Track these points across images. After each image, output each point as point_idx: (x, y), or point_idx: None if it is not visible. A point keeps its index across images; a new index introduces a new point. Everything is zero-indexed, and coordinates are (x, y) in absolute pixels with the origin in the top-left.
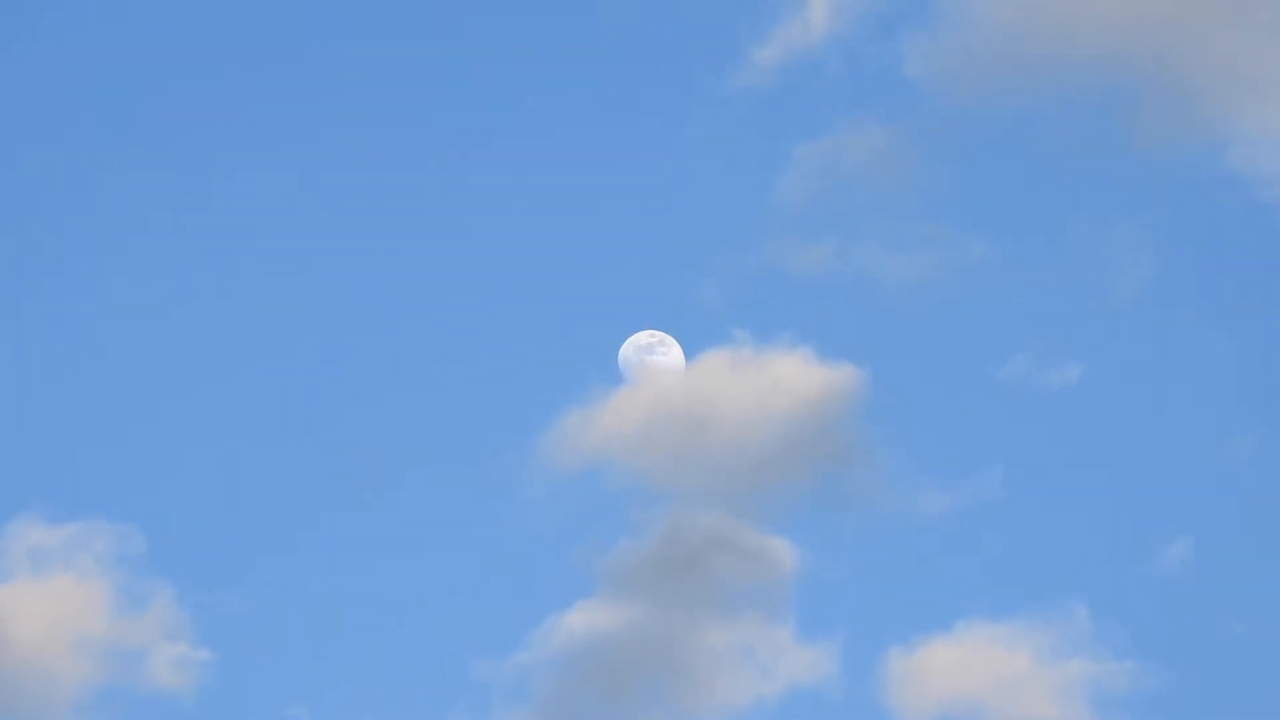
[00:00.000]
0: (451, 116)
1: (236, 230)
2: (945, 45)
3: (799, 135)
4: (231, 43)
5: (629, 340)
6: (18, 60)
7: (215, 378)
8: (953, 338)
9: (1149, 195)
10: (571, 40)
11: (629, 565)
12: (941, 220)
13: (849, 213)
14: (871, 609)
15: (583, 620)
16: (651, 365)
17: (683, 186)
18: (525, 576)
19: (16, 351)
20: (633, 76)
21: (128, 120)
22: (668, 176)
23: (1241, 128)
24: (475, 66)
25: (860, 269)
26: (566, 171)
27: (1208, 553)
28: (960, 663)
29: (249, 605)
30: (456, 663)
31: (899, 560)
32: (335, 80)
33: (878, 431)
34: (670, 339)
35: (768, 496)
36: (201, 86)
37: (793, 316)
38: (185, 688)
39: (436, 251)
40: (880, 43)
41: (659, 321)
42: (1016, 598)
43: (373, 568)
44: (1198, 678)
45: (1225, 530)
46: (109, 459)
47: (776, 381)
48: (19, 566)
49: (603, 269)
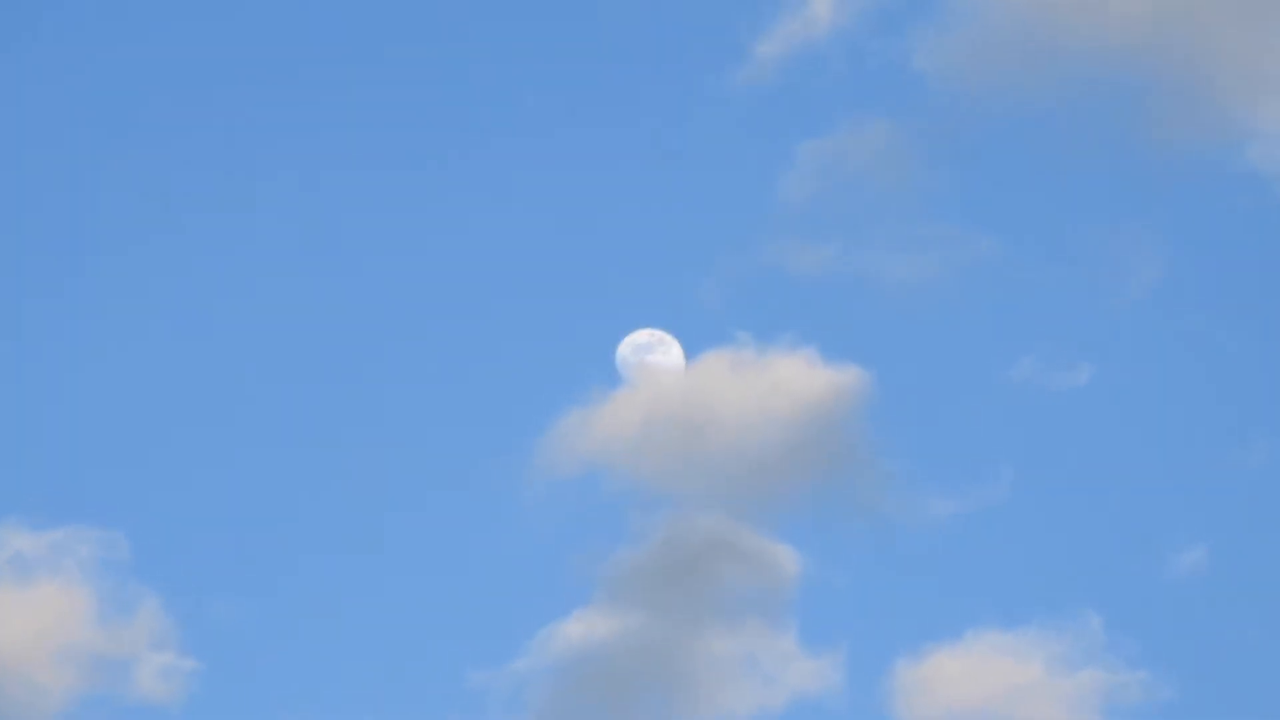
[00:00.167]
0: (447, 114)
1: (227, 232)
2: (953, 40)
3: (802, 133)
4: (227, 42)
5: (627, 339)
6: (18, 60)
7: (203, 380)
8: (959, 339)
9: (1162, 193)
10: (569, 37)
11: (627, 572)
12: (948, 219)
13: (853, 211)
14: (877, 617)
15: (580, 628)
16: (650, 366)
17: (683, 185)
18: (521, 583)
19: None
20: (631, 73)
21: (124, 120)
22: (667, 174)
23: (1259, 124)
24: (472, 64)
25: (865, 269)
26: (563, 169)
27: (1223, 559)
28: (969, 672)
29: (237, 613)
30: (451, 672)
31: (906, 567)
32: (330, 76)
33: (883, 434)
34: (670, 338)
35: (770, 501)
36: (195, 87)
37: (796, 317)
38: (172, 698)
39: (429, 250)
40: (886, 37)
41: (658, 321)
42: (1027, 606)
43: (365, 575)
44: (1213, 688)
45: (1241, 536)
46: (93, 463)
47: (779, 383)
48: (0, 573)
49: (601, 268)
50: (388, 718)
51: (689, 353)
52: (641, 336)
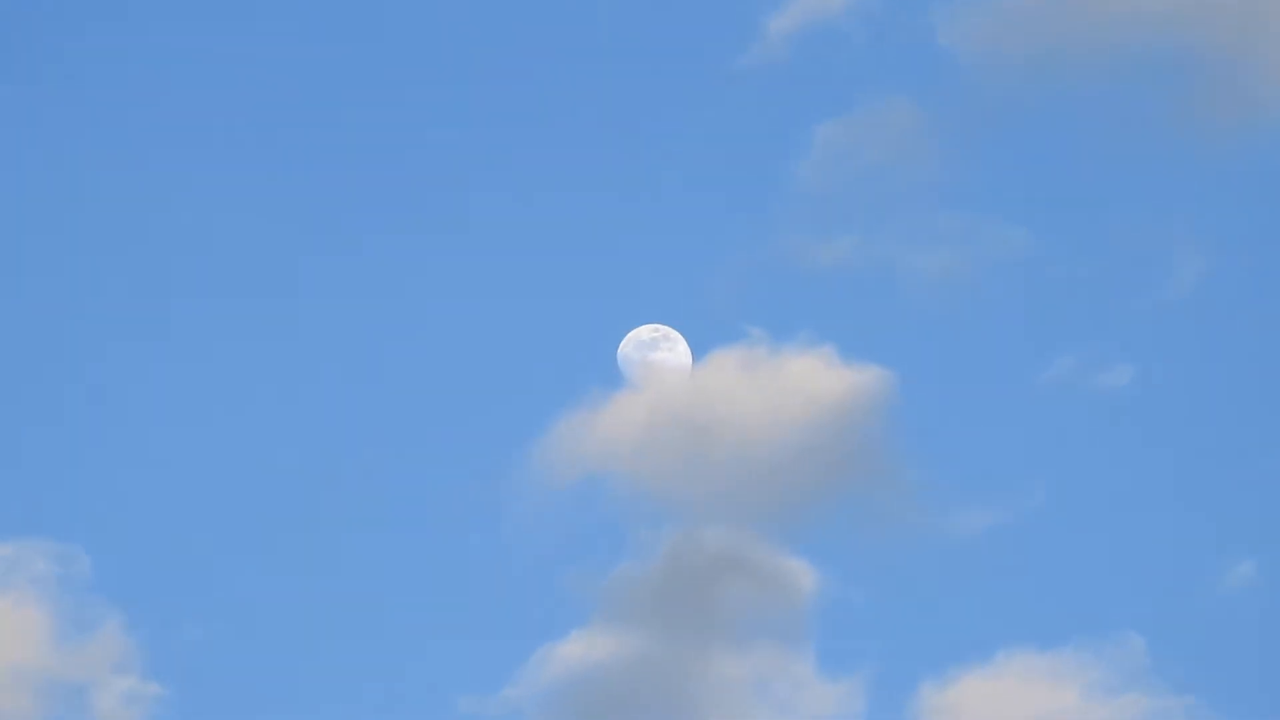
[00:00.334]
0: (446, 97)
1: (193, 235)
2: (981, 13)
3: (818, 114)
4: (222, 39)
5: (629, 336)
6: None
7: (169, 385)
8: (991, 337)
9: (1207, 183)
10: (571, 16)
11: (629, 589)
12: (977, 208)
13: (874, 199)
14: (901, 638)
15: (578, 651)
16: (654, 364)
17: (691, 170)
18: (514, 602)
19: None
20: (634, 53)
21: (100, 122)
22: (674, 159)
23: None
24: (473, 46)
25: (886, 261)
26: (563, 155)
27: (1275, 575)
28: (1001, 698)
29: (205, 635)
30: (440, 700)
31: (932, 584)
32: (321, 67)
33: (907, 440)
34: (675, 334)
35: (784, 512)
36: (186, 85)
37: (812, 313)
38: None
39: (414, 240)
40: (909, 11)
41: (663, 317)
42: (1063, 626)
43: (345, 594)
44: (1264, 714)
45: None
46: (50, 471)
47: (794, 384)
48: None
49: (600, 259)
50: None
51: (696, 351)
52: (645, 333)
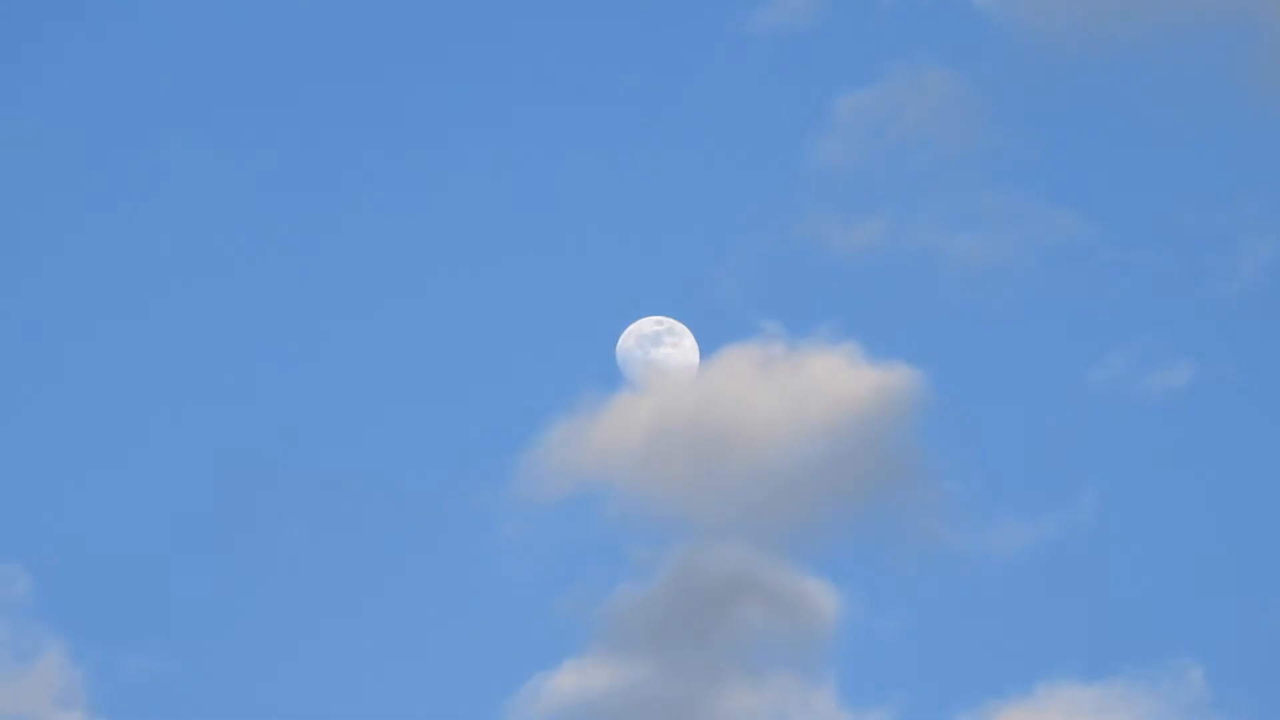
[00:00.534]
0: (430, 66)
1: (147, 239)
2: None
3: (842, 84)
4: (218, 35)
5: (629, 329)
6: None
7: (119, 393)
8: (1034, 333)
9: (1276, 159)
10: None
11: (629, 615)
12: (1021, 189)
13: (905, 179)
14: (932, 668)
15: (572, 683)
16: (658, 362)
17: (697, 145)
18: (500, 629)
19: None
20: (636, 11)
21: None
22: (678, 133)
23: None
24: (462, 18)
25: (919, 248)
26: (552, 126)
27: None
28: None
29: (157, 666)
30: None
31: (967, 608)
32: (314, 63)
33: (940, 448)
34: (681, 327)
35: (803, 529)
36: (178, 83)
37: (834, 305)
38: None
39: (390, 221)
40: None
41: (668, 310)
42: (1113, 655)
43: (310, 621)
44: None
45: None
46: None
47: (814, 385)
48: None
49: (597, 244)
50: None
51: (704, 348)
52: (647, 326)
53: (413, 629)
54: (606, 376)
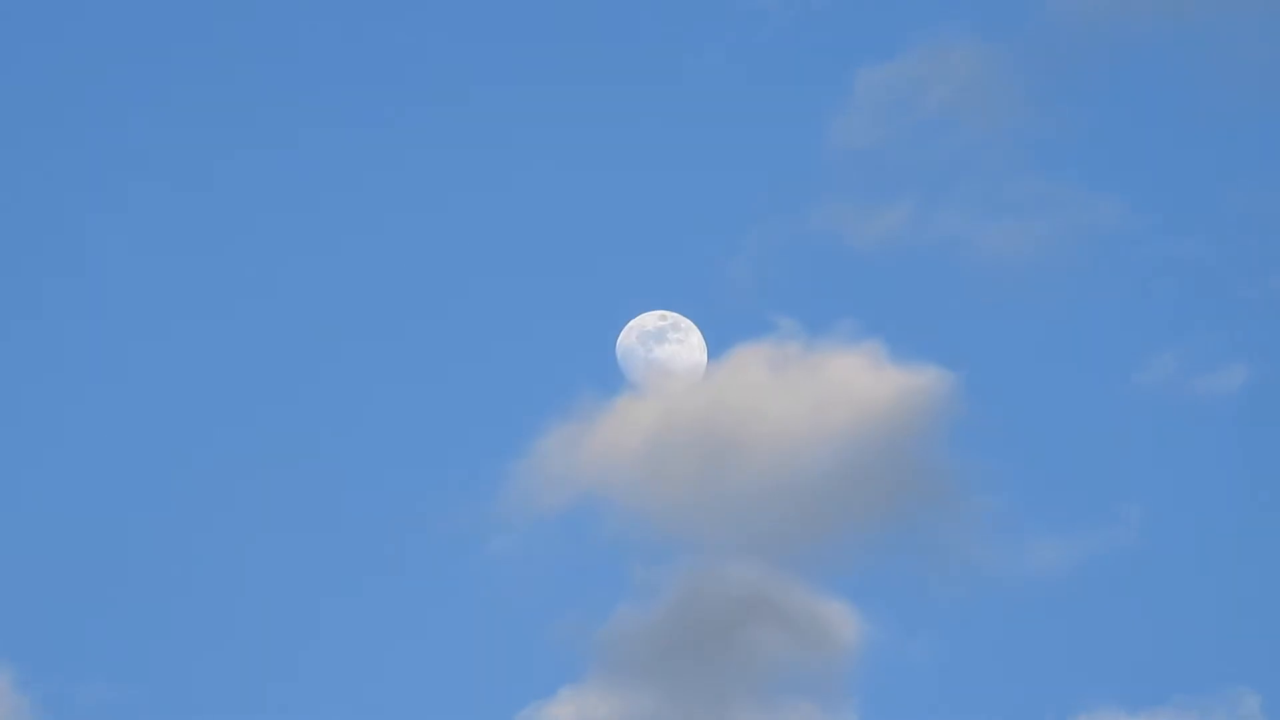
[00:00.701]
0: (418, 33)
1: (101, 236)
2: None
3: (861, 58)
4: (214, 33)
5: (630, 325)
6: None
7: (74, 393)
8: (1076, 331)
9: None
10: None
11: (632, 639)
12: (1061, 174)
13: (931, 163)
14: (964, 699)
15: (570, 714)
16: (662, 361)
17: (705, 126)
18: (492, 654)
19: None
20: None
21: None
22: (685, 113)
23: None
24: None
25: (948, 238)
26: (551, 106)
27: None
28: None
29: (113, 694)
30: None
31: (1002, 633)
32: (309, 53)
33: (973, 458)
34: (687, 323)
35: (822, 546)
36: (167, 81)
37: (855, 300)
38: None
39: (377, 213)
40: None
41: (673, 305)
42: (1162, 683)
43: (283, 644)
44: None
45: None
46: None
47: (833, 388)
48: None
49: (597, 236)
50: None
51: (713, 346)
52: (650, 321)
53: (393, 656)
54: (605, 377)
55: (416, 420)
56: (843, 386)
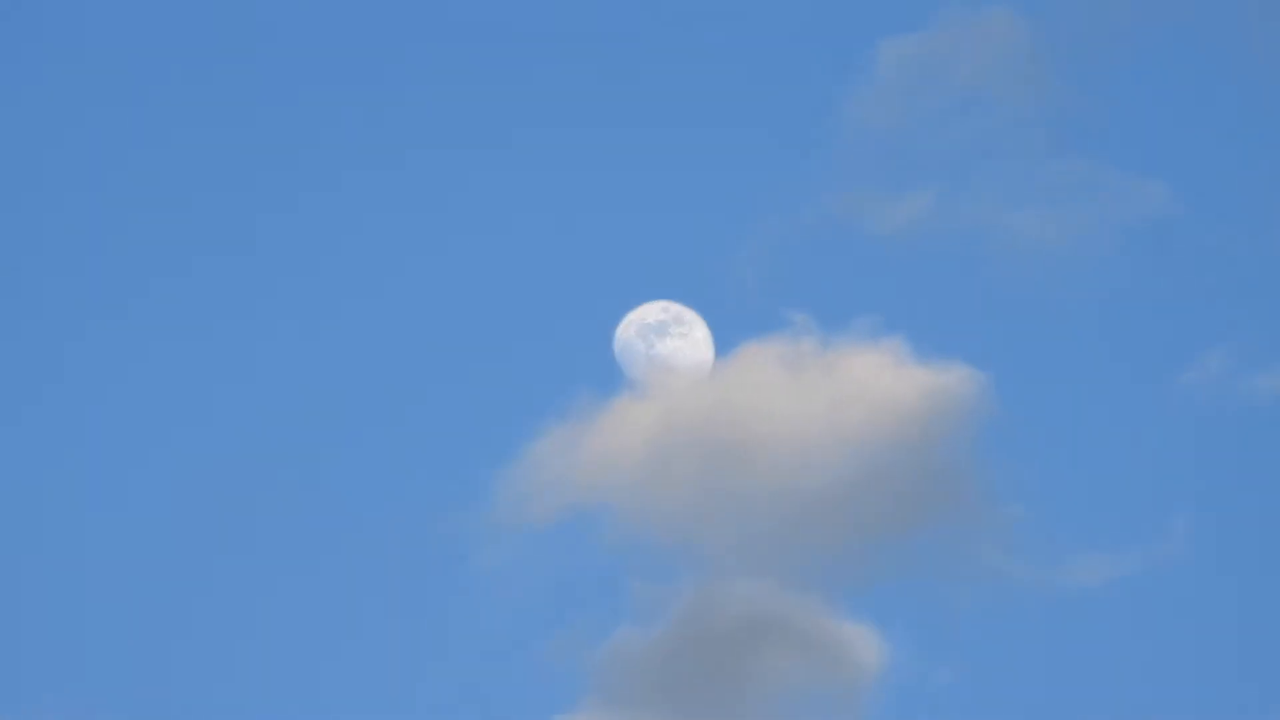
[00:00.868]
0: (417, 28)
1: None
2: None
3: (883, 29)
4: (214, 33)
5: (629, 318)
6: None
7: (45, 408)
8: (1113, 327)
9: None
10: None
11: (632, 662)
12: (1099, 156)
13: (957, 145)
14: None
15: None
16: (663, 358)
17: (712, 105)
18: (480, 677)
19: None
20: None
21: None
22: (689, 90)
23: None
24: None
25: (977, 225)
26: (543, 85)
27: None
28: None
29: (78, 713)
30: None
31: (1036, 655)
32: (306, 62)
33: (1003, 464)
34: (692, 315)
35: (839, 560)
36: (158, 79)
37: (875, 294)
38: None
39: (352, 193)
40: None
41: (677, 298)
42: (1210, 707)
43: (258, 667)
44: None
45: None
46: None
47: (851, 388)
48: None
49: (594, 223)
50: None
51: (720, 342)
52: (650, 314)
53: (371, 680)
54: (602, 376)
55: (402, 425)
56: (861, 387)
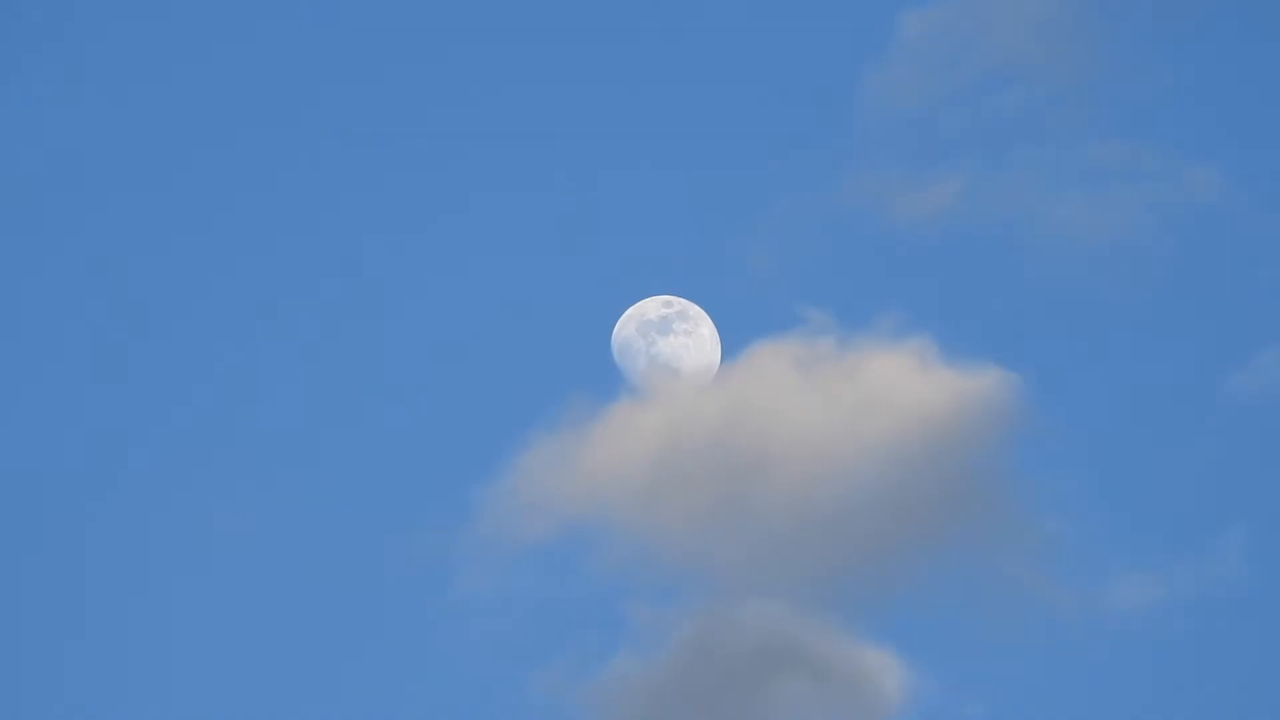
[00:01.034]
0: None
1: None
2: None
3: (905, 0)
4: (212, 34)
5: (629, 313)
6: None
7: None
8: (1160, 326)
9: None
10: None
11: (630, 694)
12: (1147, 140)
13: (988, 127)
14: None
15: None
16: (666, 358)
17: (721, 85)
18: (465, 709)
19: None
20: None
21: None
22: (697, 69)
23: None
24: None
25: (1010, 215)
26: (540, 61)
27: None
28: None
29: None
30: None
31: (1078, 684)
32: (302, 56)
33: (1040, 476)
34: (698, 311)
35: (859, 581)
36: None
37: (899, 289)
38: None
39: (347, 190)
40: None
41: (682, 294)
42: None
43: (240, 684)
44: None
45: None
46: None
47: (874, 392)
48: None
49: (594, 214)
50: None
51: (729, 342)
52: (652, 309)
53: (357, 705)
54: (598, 378)
55: (378, 435)
56: (884, 391)
